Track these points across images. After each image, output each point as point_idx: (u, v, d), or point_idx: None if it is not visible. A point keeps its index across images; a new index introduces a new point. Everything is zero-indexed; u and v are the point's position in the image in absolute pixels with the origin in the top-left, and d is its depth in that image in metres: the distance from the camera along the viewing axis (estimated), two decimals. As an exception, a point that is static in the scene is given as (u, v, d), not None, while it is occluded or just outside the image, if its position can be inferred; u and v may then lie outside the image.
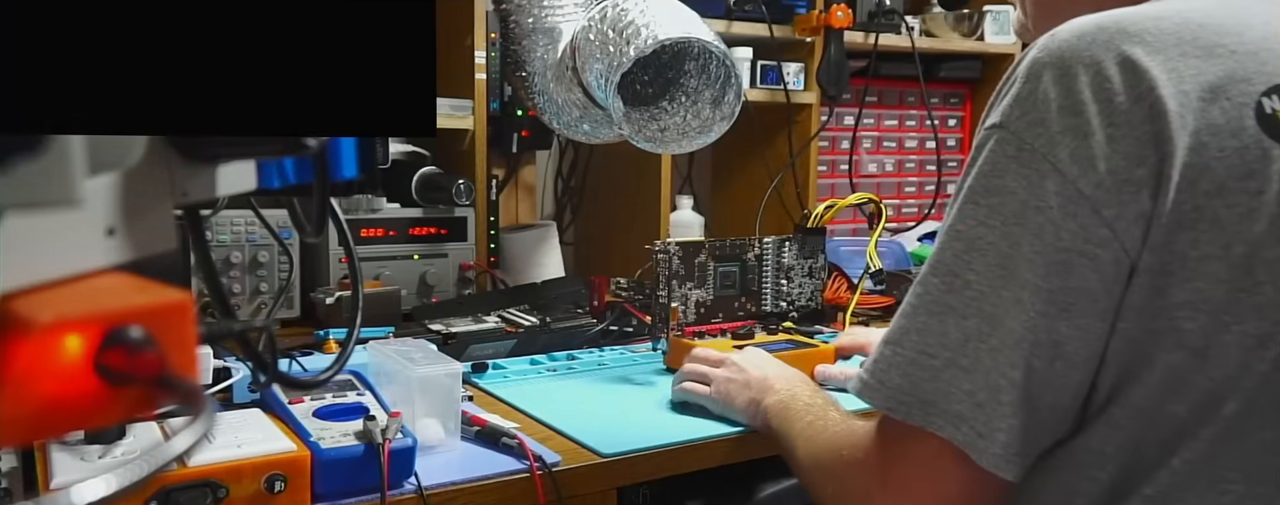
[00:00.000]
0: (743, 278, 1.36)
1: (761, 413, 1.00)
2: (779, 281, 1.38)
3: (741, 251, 1.36)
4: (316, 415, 0.91)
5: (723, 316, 1.32)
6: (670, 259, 1.29)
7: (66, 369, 0.38)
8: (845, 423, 0.84)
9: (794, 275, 1.40)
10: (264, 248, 1.43)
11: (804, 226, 1.46)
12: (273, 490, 0.81)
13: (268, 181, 0.58)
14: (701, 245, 1.32)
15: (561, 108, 1.39)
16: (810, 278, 1.41)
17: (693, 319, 1.31)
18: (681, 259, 1.30)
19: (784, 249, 1.39)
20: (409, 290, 1.51)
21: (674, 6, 1.28)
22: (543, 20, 1.38)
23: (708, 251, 1.32)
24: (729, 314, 1.33)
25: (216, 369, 1.03)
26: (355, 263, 0.73)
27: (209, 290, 0.61)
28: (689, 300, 1.31)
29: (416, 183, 1.53)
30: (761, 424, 1.00)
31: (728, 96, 1.30)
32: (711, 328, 1.33)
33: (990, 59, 2.22)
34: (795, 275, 1.40)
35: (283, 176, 0.59)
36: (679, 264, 1.30)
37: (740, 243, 1.36)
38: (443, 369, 0.97)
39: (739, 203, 2.05)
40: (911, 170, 2.27)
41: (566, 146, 1.96)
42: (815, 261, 1.41)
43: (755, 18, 1.80)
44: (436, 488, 0.88)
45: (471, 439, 0.99)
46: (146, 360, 0.40)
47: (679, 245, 1.29)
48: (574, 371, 1.29)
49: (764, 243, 1.37)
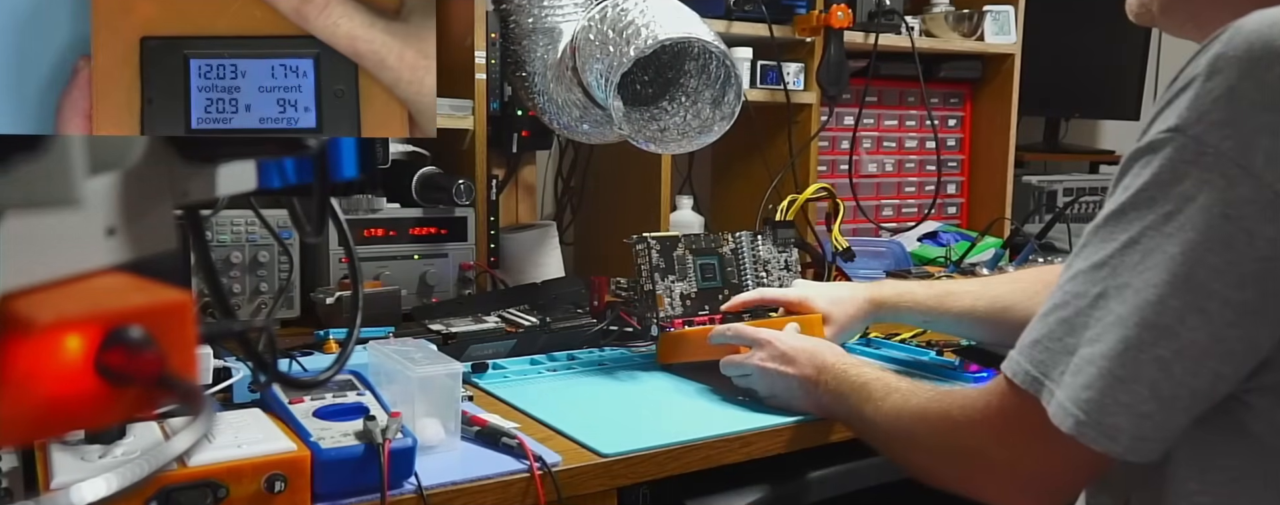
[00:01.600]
0: (722, 270, 1.38)
1: (823, 385, 1.02)
2: (759, 274, 1.40)
3: (717, 245, 1.39)
4: (316, 415, 0.91)
5: (709, 309, 1.34)
6: (649, 251, 1.31)
7: (66, 369, 0.38)
8: (938, 388, 0.86)
9: (771, 267, 1.42)
10: (264, 248, 1.43)
11: (773, 221, 1.49)
12: (273, 490, 0.81)
13: (268, 181, 0.59)
14: (677, 239, 1.35)
15: (561, 108, 1.39)
16: (787, 271, 1.43)
17: (680, 310, 1.32)
18: (660, 252, 1.32)
19: (757, 242, 1.42)
20: (409, 290, 1.51)
21: (674, 6, 1.28)
22: (543, 20, 1.39)
23: (685, 244, 1.35)
24: (714, 306, 1.34)
25: (216, 369, 1.03)
26: (355, 263, 0.73)
27: (209, 290, 0.61)
28: (673, 292, 1.32)
29: (416, 183, 1.53)
30: (827, 395, 1.02)
31: (728, 96, 1.30)
32: (700, 319, 1.33)
33: (990, 59, 2.22)
34: (773, 268, 1.41)
35: (283, 176, 0.59)
36: (658, 257, 1.32)
37: (714, 237, 1.39)
38: (443, 369, 0.97)
39: (739, 203, 2.05)
40: (911, 170, 2.27)
41: (566, 146, 1.96)
42: (789, 254, 1.44)
43: (755, 18, 1.80)
44: (436, 488, 0.88)
45: (471, 439, 0.99)
46: (146, 360, 0.40)
47: (656, 239, 1.32)
48: (574, 371, 1.29)
49: (738, 236, 1.40)
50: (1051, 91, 2.55)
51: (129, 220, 0.45)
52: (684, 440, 1.02)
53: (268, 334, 0.68)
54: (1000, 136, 2.26)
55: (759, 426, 1.08)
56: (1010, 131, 2.24)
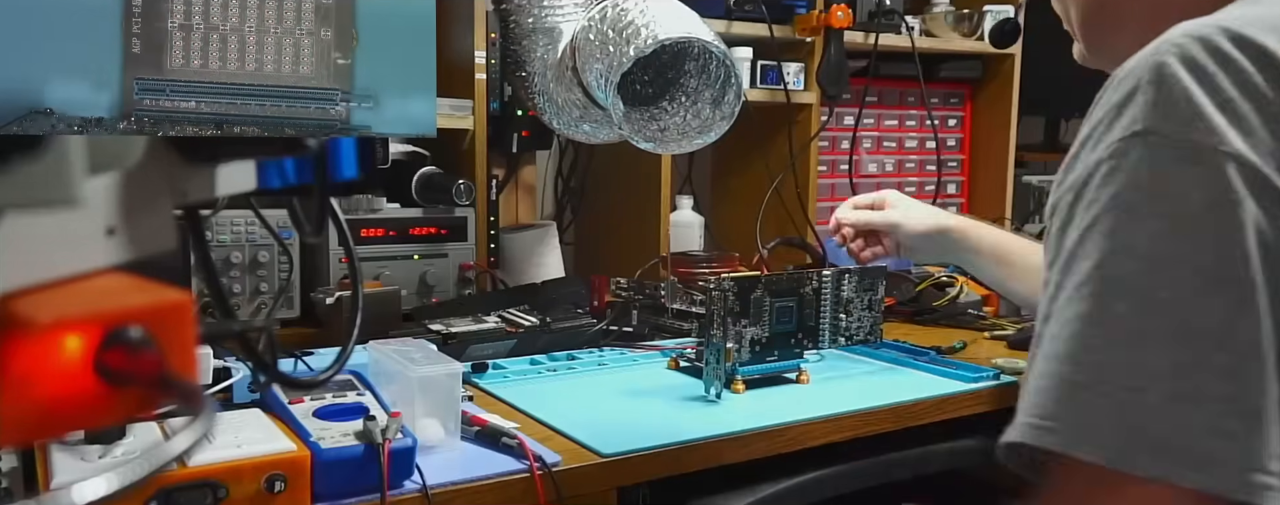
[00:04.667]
0: (800, 312, 1.27)
1: None
2: (837, 316, 1.31)
3: (799, 285, 1.27)
4: (316, 415, 0.91)
5: (778, 355, 1.23)
6: (725, 296, 1.18)
7: (66, 369, 0.38)
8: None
9: (852, 308, 1.33)
10: (264, 248, 1.43)
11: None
12: (273, 490, 0.81)
13: (268, 181, 0.59)
14: (757, 280, 1.23)
15: (561, 108, 1.39)
16: (870, 310, 1.34)
17: (747, 358, 1.23)
18: (737, 295, 1.20)
19: (843, 281, 1.32)
20: (409, 290, 1.51)
21: (674, 6, 1.28)
22: (543, 20, 1.38)
23: (764, 286, 1.23)
24: (785, 352, 1.24)
25: (216, 369, 1.03)
26: (355, 263, 0.73)
27: (209, 290, 0.61)
28: (744, 338, 1.22)
29: (416, 183, 1.53)
30: None
31: (728, 96, 1.29)
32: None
33: (990, 59, 2.22)
34: (854, 308, 1.33)
35: (283, 176, 0.59)
36: (733, 300, 1.20)
37: (797, 276, 1.28)
38: (443, 369, 0.97)
39: (739, 203, 2.05)
40: (911, 170, 2.27)
41: (566, 146, 1.96)
42: (874, 294, 1.34)
43: (755, 18, 1.80)
44: (436, 488, 0.88)
45: (471, 439, 0.99)
46: (146, 360, 0.40)
47: (734, 281, 1.20)
48: (574, 371, 1.29)
49: (822, 275, 1.30)
50: (1051, 91, 2.55)
51: (129, 220, 0.45)
52: (684, 440, 1.02)
53: (268, 334, 0.68)
54: (1000, 136, 2.26)
55: (759, 426, 1.08)
56: (1010, 131, 2.24)
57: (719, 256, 1.72)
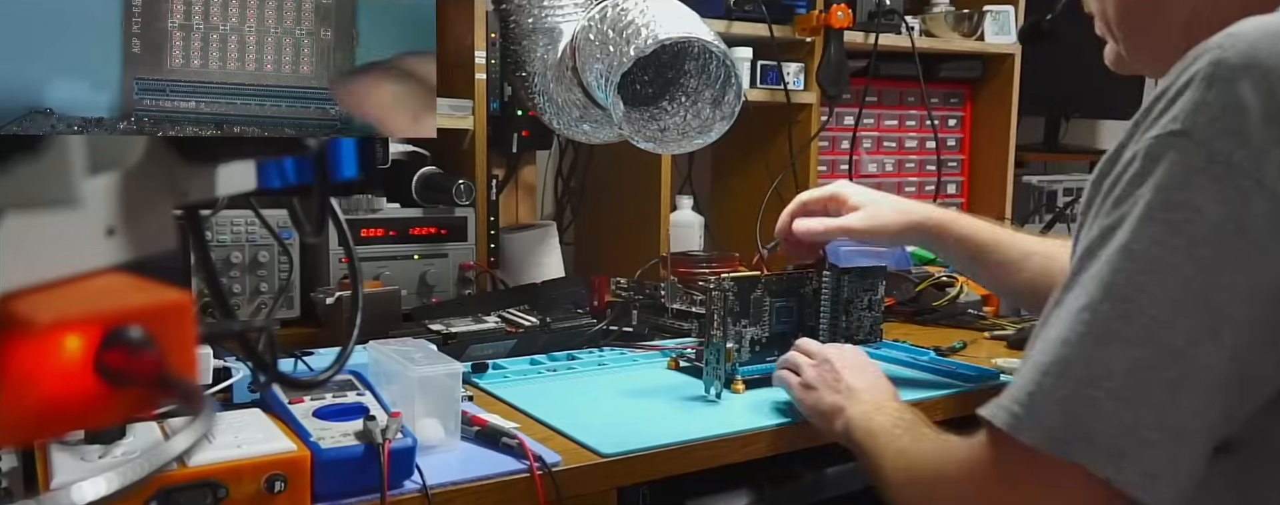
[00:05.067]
0: (800, 312, 1.27)
1: (844, 420, 0.96)
2: (837, 317, 1.30)
3: (799, 286, 1.27)
4: (316, 415, 0.91)
5: (778, 355, 1.20)
6: (725, 296, 1.18)
7: (66, 369, 0.38)
8: (941, 439, 0.80)
9: (852, 308, 1.32)
10: (264, 248, 1.43)
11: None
12: (273, 490, 0.81)
13: (268, 181, 0.58)
14: (757, 280, 1.23)
15: (561, 108, 1.39)
16: (869, 310, 1.33)
17: (747, 358, 1.23)
18: (737, 295, 1.20)
19: (842, 282, 1.30)
20: (409, 290, 1.51)
21: (674, 6, 1.28)
22: (543, 20, 1.38)
23: (764, 286, 1.23)
24: (784, 349, 1.20)
25: (216, 369, 1.03)
26: (355, 263, 0.73)
27: (209, 290, 0.61)
28: (744, 338, 1.23)
29: (416, 183, 1.53)
30: (841, 430, 0.97)
31: (728, 96, 1.29)
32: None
33: (990, 59, 2.22)
34: (854, 308, 1.32)
35: (283, 176, 0.59)
36: (733, 300, 1.20)
37: (797, 277, 1.27)
38: (443, 369, 0.97)
39: (739, 203, 2.05)
40: (911, 170, 2.27)
41: (566, 146, 1.96)
42: (874, 294, 1.33)
43: (755, 18, 1.80)
44: (436, 488, 0.88)
45: (471, 439, 0.99)
46: (146, 360, 0.40)
47: (734, 281, 1.20)
48: (574, 371, 1.29)
49: (822, 276, 1.29)
50: (1051, 91, 2.55)
51: (129, 220, 0.45)
52: (684, 440, 1.02)
53: (268, 334, 0.68)
54: (1000, 136, 2.26)
55: (759, 426, 1.08)
56: (1010, 131, 2.24)
57: (719, 256, 1.72)
